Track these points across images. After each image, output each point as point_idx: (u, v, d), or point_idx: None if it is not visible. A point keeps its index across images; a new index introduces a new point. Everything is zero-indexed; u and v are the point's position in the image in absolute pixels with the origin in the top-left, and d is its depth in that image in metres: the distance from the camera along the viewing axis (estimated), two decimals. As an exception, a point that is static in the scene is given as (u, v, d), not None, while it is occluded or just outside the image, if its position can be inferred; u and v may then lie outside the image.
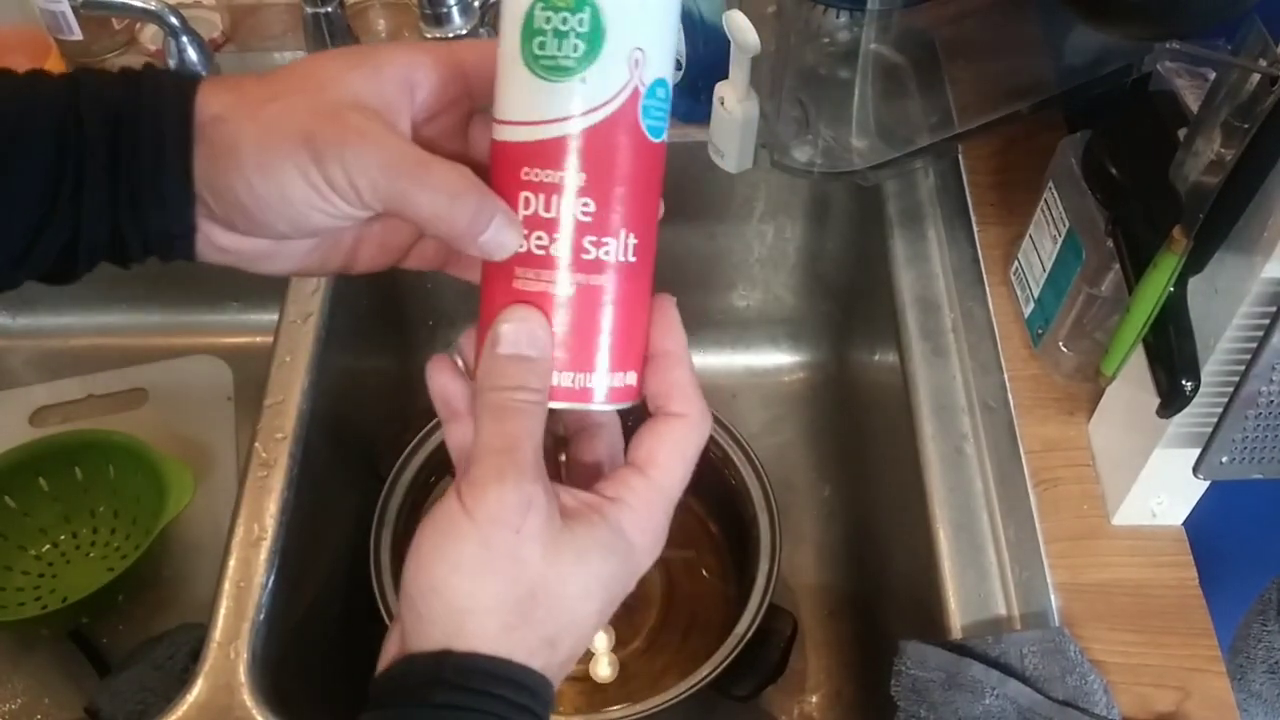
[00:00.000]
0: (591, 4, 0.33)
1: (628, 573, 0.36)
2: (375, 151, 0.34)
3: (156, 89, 0.36)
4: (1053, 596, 0.61)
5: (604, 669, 0.80)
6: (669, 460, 0.37)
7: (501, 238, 0.34)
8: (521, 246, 0.34)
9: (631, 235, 0.35)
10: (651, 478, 0.36)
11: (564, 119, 0.33)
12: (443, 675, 0.33)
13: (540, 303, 0.35)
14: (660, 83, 0.35)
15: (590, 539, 0.35)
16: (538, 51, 0.33)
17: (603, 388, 0.36)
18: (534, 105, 0.34)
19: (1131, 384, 0.59)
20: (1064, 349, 0.69)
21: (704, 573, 0.85)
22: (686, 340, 0.38)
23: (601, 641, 0.81)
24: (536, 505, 0.34)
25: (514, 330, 0.35)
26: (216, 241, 0.37)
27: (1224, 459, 0.56)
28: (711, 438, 0.82)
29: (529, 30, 0.33)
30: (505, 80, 0.35)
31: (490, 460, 0.34)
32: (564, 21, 0.33)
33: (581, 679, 0.80)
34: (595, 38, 0.33)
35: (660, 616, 0.83)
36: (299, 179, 0.34)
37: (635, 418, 0.38)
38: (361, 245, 0.40)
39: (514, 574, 0.34)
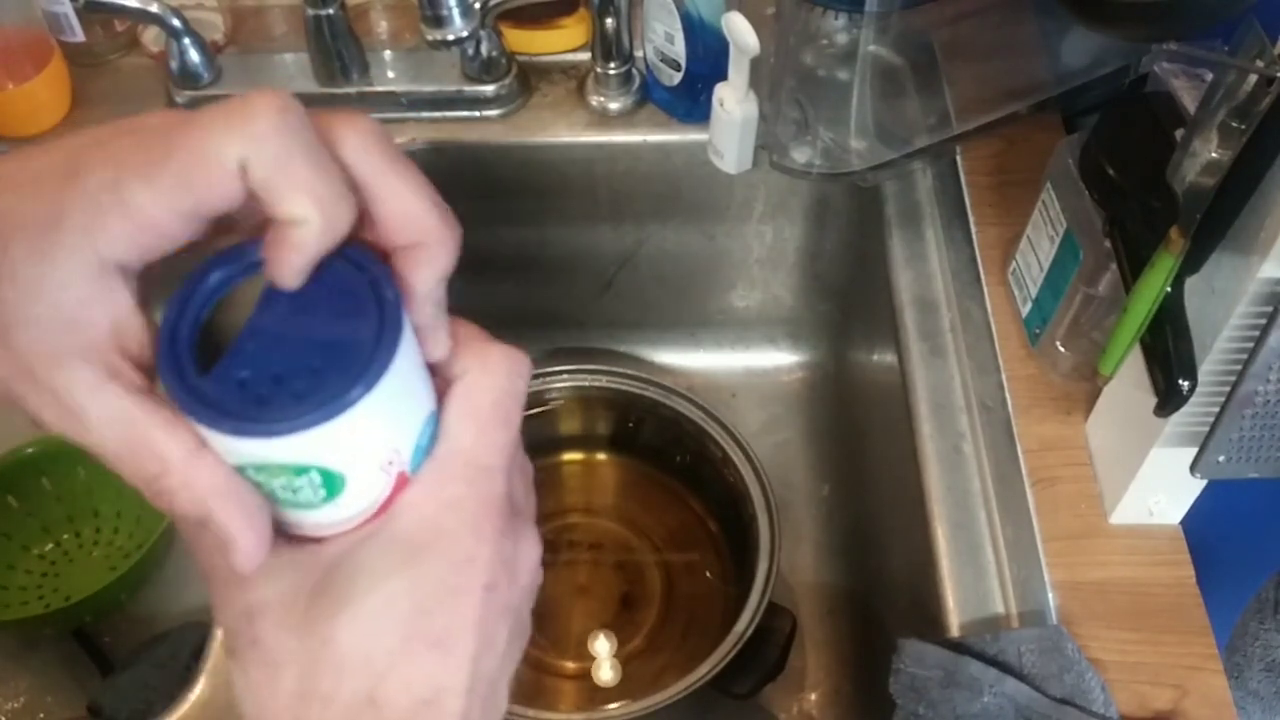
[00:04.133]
0: (312, 467, 0.27)
1: (438, 570, 0.29)
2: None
3: None
4: (1050, 595, 0.61)
5: (606, 673, 0.80)
6: (450, 427, 0.30)
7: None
8: None
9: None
10: (435, 454, 0.30)
11: (330, 524, 0.29)
12: None
13: None
14: (427, 424, 0.30)
15: (355, 580, 0.29)
16: (271, 494, 0.28)
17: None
18: (299, 520, 0.29)
19: (1129, 383, 0.59)
20: (1061, 349, 0.69)
21: (704, 572, 0.86)
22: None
23: (604, 647, 0.82)
24: (260, 609, 0.29)
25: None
26: None
27: (1221, 458, 0.56)
28: (711, 437, 0.83)
29: (249, 478, 0.28)
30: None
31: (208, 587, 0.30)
32: (287, 483, 0.28)
33: (582, 678, 0.81)
34: (333, 485, 0.28)
35: (660, 615, 0.83)
36: None
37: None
38: None
39: (274, 678, 0.29)
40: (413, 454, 0.30)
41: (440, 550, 0.29)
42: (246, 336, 0.27)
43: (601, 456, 0.93)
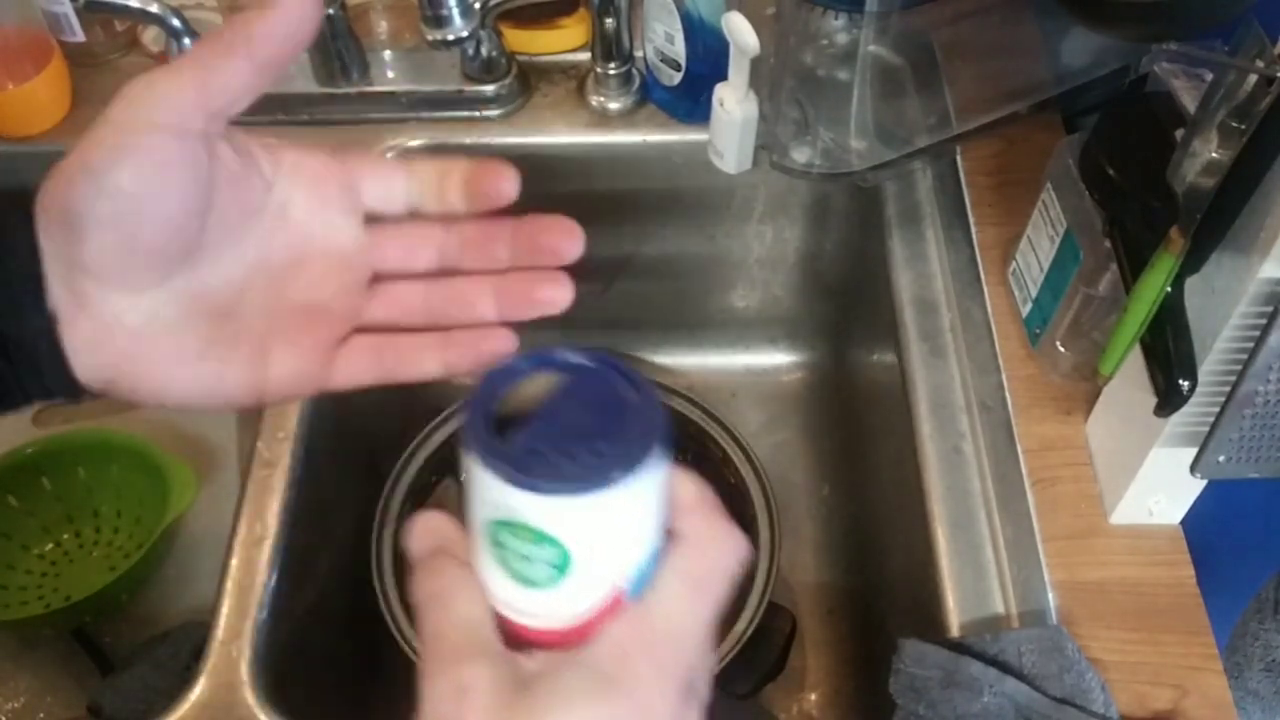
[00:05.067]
0: (555, 540, 0.31)
1: (623, 711, 0.30)
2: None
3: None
4: (1050, 595, 0.61)
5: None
6: (661, 581, 0.32)
7: None
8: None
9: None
10: (644, 600, 0.32)
11: (544, 615, 0.33)
12: None
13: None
14: (649, 560, 0.33)
15: (554, 694, 0.30)
16: (506, 560, 0.32)
17: None
18: (514, 598, 0.33)
19: (1129, 383, 0.59)
20: (1061, 349, 0.69)
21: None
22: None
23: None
24: (474, 688, 0.30)
25: (415, 541, 0.34)
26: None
27: (1221, 458, 0.56)
28: (711, 436, 0.83)
29: (494, 539, 0.32)
30: (477, 557, 0.33)
31: (424, 651, 0.32)
32: (527, 550, 0.31)
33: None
34: (564, 566, 0.31)
35: (660, 615, 0.83)
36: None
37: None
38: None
39: None
40: (631, 580, 0.32)
41: (628, 691, 0.31)
42: (538, 420, 0.32)
43: (601, 456, 0.93)
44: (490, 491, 0.31)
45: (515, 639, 0.33)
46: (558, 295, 0.39)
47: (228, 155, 0.35)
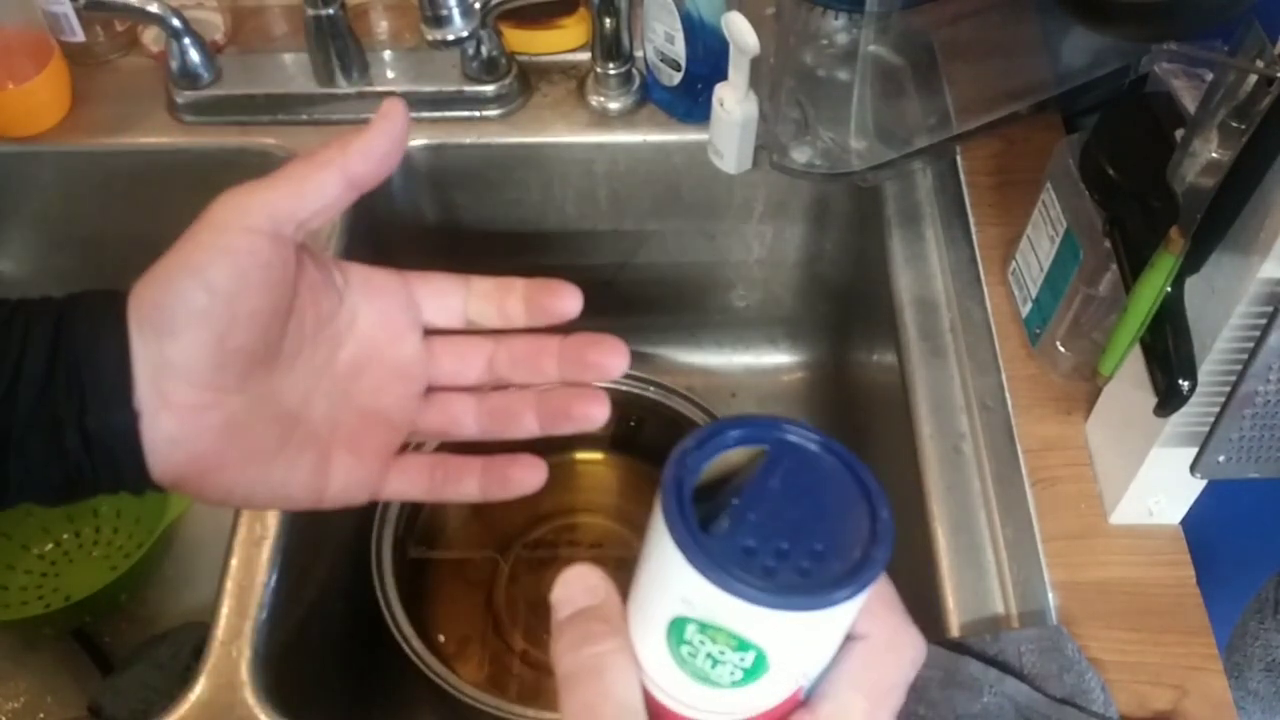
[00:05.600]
0: (757, 649, 0.27)
1: None
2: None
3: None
4: (1050, 595, 0.61)
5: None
6: (842, 693, 0.30)
7: None
8: None
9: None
10: (818, 714, 0.30)
11: (713, 711, 0.30)
12: None
13: None
14: (834, 655, 0.30)
15: None
16: (686, 656, 0.29)
17: None
18: (680, 691, 0.30)
19: (1129, 383, 0.59)
20: (1061, 349, 0.69)
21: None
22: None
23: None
24: None
25: (566, 589, 0.32)
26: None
27: (1221, 458, 0.56)
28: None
29: (679, 634, 0.28)
30: (645, 638, 0.30)
31: None
32: (720, 653, 0.28)
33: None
34: (755, 671, 0.28)
35: (660, 615, 0.83)
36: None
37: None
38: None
39: None
40: (815, 678, 0.30)
41: None
42: (747, 506, 0.28)
43: (602, 456, 0.93)
44: (688, 587, 0.27)
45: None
46: (596, 413, 0.40)
47: (309, 264, 0.37)
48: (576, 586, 0.32)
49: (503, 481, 0.40)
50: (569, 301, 0.41)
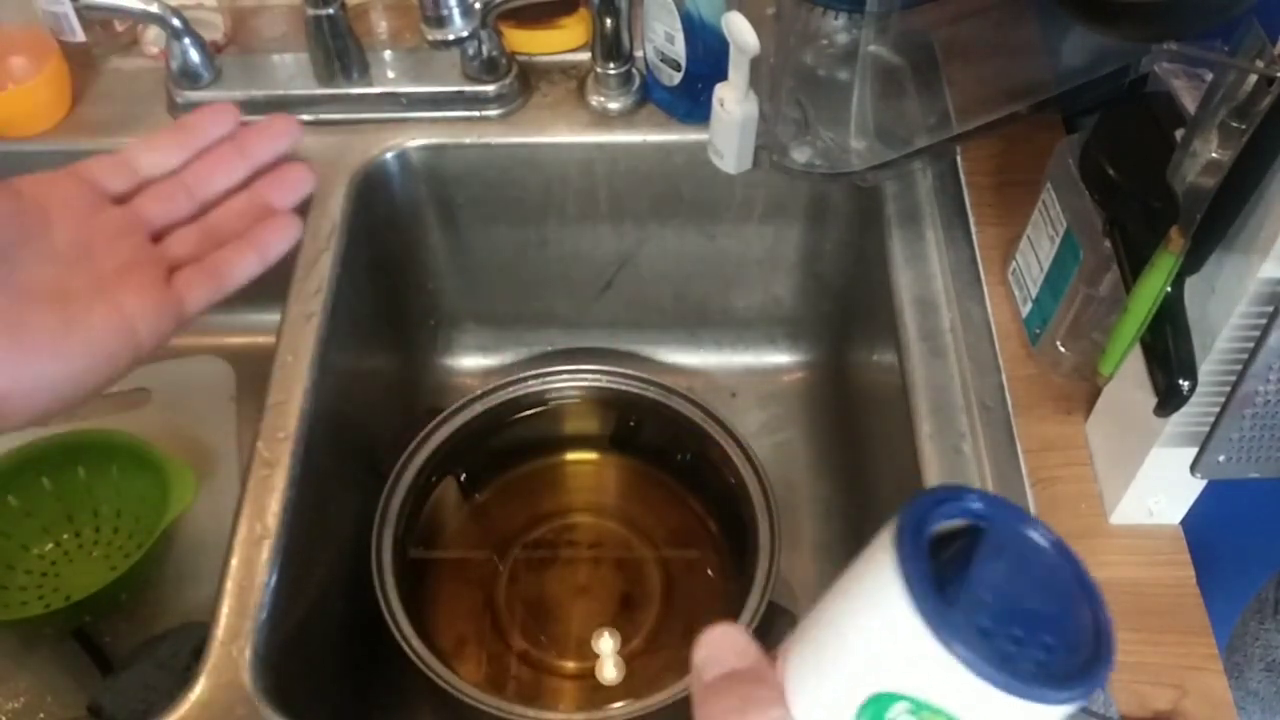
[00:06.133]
0: None
1: None
2: None
3: None
4: (1051, 595, 0.61)
5: (610, 671, 0.80)
6: None
7: None
8: None
9: None
10: None
11: None
12: None
13: None
14: None
15: None
16: None
17: None
18: None
19: (1129, 383, 0.59)
20: (1061, 349, 0.69)
21: (704, 571, 0.86)
22: None
23: (607, 644, 0.82)
24: None
25: (711, 649, 0.30)
26: None
27: (1221, 458, 0.56)
28: (711, 437, 0.83)
29: (875, 711, 0.26)
30: (818, 708, 0.28)
31: None
32: None
33: (584, 677, 0.81)
34: None
35: (660, 615, 0.83)
36: None
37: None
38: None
39: None
40: None
41: None
42: (979, 584, 0.26)
43: (601, 456, 0.93)
44: (916, 658, 0.25)
45: None
46: (302, 175, 0.49)
47: None
48: (724, 646, 0.30)
49: (263, 247, 0.47)
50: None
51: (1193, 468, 0.56)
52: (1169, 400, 0.54)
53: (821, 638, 0.28)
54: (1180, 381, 0.53)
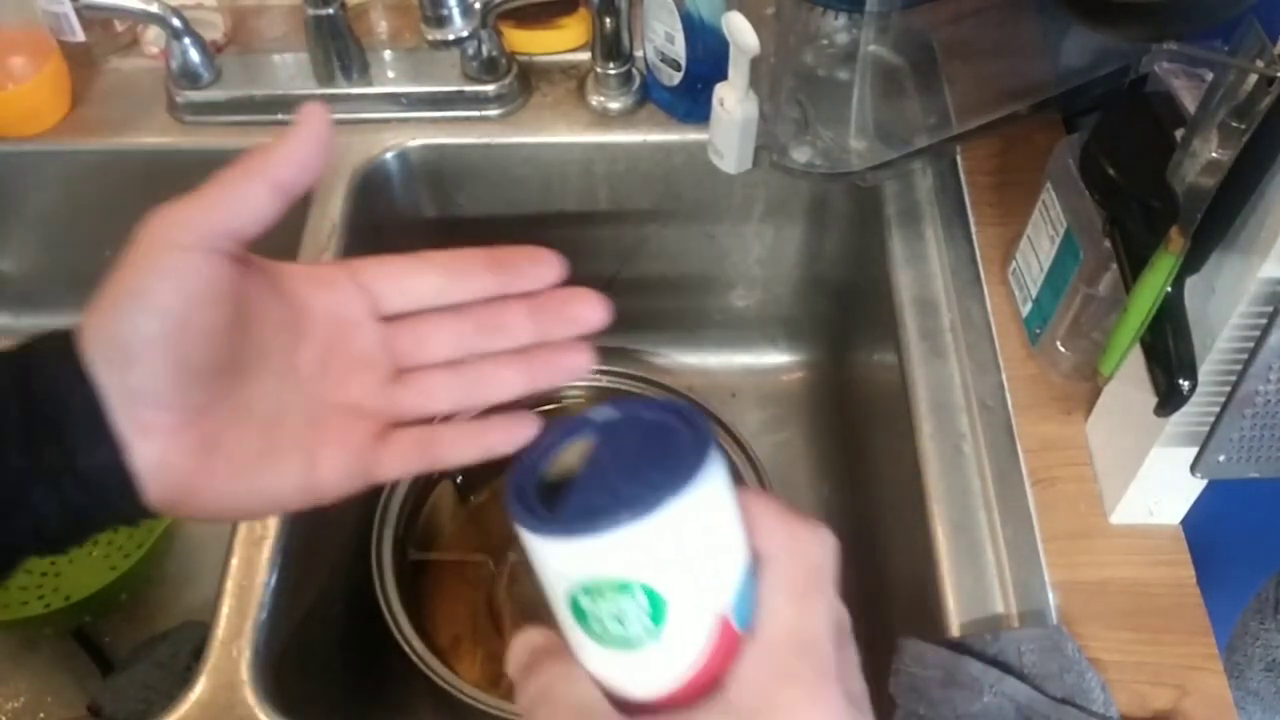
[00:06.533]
0: (637, 584, 0.29)
1: None
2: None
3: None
4: (1050, 594, 0.61)
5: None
6: (766, 603, 0.31)
7: None
8: None
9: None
10: (754, 632, 0.31)
11: (660, 676, 0.30)
12: None
13: None
14: (746, 576, 0.31)
15: None
16: (598, 630, 0.30)
17: None
18: (621, 673, 0.31)
19: (1129, 383, 0.59)
20: (1062, 348, 0.69)
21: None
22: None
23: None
24: None
25: (513, 654, 0.34)
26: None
27: (1221, 458, 0.56)
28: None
29: (579, 612, 0.30)
30: (573, 643, 0.32)
31: None
32: (616, 608, 0.29)
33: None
34: (658, 611, 0.29)
35: (660, 615, 0.83)
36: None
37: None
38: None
39: None
40: (733, 604, 0.30)
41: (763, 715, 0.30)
42: (582, 478, 0.31)
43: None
44: (556, 561, 0.29)
45: (640, 715, 0.31)
46: (581, 360, 0.40)
47: (252, 272, 0.37)
48: (519, 648, 0.34)
49: (486, 443, 0.40)
50: (546, 267, 0.42)
51: (1193, 468, 0.56)
52: (1169, 400, 0.54)
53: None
54: (1180, 381, 0.53)
